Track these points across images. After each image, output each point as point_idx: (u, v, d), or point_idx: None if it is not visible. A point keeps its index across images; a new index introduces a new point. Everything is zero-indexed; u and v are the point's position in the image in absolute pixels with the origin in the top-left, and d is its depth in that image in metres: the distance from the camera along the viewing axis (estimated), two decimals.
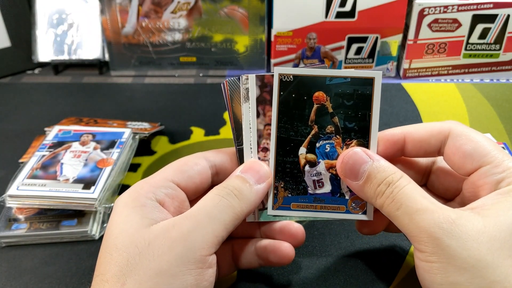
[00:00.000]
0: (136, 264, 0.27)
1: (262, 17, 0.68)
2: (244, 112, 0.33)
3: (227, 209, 0.29)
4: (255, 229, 0.35)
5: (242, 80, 0.33)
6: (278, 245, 0.33)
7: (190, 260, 0.27)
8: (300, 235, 0.33)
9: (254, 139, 0.33)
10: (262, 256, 0.34)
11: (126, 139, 0.49)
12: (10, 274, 0.39)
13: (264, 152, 0.34)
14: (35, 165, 0.45)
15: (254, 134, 0.33)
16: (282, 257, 0.33)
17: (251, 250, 0.34)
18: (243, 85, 0.33)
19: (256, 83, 0.33)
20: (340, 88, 0.32)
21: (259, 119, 0.33)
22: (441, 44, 0.66)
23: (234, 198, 0.30)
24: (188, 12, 0.68)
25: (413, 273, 0.38)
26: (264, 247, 0.34)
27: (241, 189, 0.31)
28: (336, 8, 0.65)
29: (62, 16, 0.72)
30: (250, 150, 0.33)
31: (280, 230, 0.34)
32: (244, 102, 0.33)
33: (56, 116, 0.59)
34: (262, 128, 0.33)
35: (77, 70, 0.74)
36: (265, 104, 0.33)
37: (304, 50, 0.68)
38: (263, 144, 0.34)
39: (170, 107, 0.63)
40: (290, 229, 0.33)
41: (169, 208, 0.31)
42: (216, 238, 0.29)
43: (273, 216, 0.34)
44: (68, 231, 0.41)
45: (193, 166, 0.32)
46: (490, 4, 0.63)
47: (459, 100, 0.63)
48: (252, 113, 0.33)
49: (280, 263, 0.33)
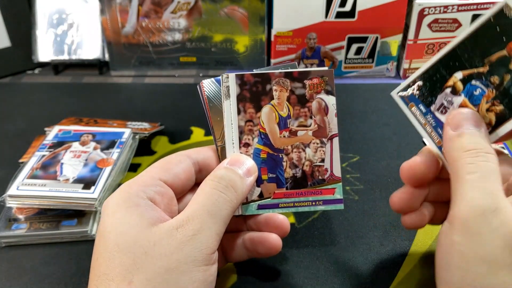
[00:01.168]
0: (143, 263, 0.27)
1: (262, 17, 0.68)
2: (225, 109, 0.35)
3: (226, 204, 0.31)
4: (241, 223, 0.36)
5: (223, 78, 0.35)
6: (266, 236, 0.34)
7: (198, 258, 0.28)
8: (285, 226, 0.34)
9: (236, 135, 0.35)
10: (250, 248, 0.35)
11: (126, 139, 0.49)
12: (10, 274, 0.39)
13: (246, 147, 0.35)
14: (35, 165, 0.45)
15: (235, 130, 0.35)
16: (270, 247, 0.34)
17: (239, 243, 0.35)
18: (223, 83, 0.35)
19: (236, 82, 0.34)
20: None
21: (240, 116, 0.35)
22: (441, 44, 0.66)
23: (232, 191, 0.31)
24: (188, 12, 0.68)
25: (413, 273, 0.38)
26: (251, 239, 0.35)
27: (235, 181, 0.32)
28: (336, 8, 0.65)
29: (62, 16, 0.72)
30: (232, 145, 0.35)
31: (266, 222, 0.35)
32: (225, 99, 0.35)
33: (56, 116, 0.59)
34: (243, 125, 0.35)
35: (77, 70, 0.74)
36: (246, 102, 0.35)
37: (304, 50, 0.68)
38: (245, 140, 0.35)
39: (170, 107, 0.63)
40: (275, 221, 0.34)
41: (160, 205, 0.31)
42: (218, 236, 0.30)
43: (256, 210, 0.35)
44: (68, 231, 0.41)
45: (178, 164, 0.33)
46: (490, 4, 0.63)
47: None
48: (233, 110, 0.35)
49: (269, 253, 0.34)
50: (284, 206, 0.35)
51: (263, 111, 0.35)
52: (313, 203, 0.35)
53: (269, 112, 0.35)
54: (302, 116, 0.35)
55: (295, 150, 0.36)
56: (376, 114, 0.60)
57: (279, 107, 0.35)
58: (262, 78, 0.35)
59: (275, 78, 0.35)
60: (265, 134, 0.35)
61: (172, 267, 0.27)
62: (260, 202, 0.35)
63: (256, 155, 0.35)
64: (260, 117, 0.35)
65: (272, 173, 0.35)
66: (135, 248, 0.28)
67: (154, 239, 0.28)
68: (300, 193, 0.35)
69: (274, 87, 0.35)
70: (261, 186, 0.35)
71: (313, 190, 0.36)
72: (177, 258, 0.28)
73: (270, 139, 0.35)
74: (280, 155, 0.35)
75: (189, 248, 0.28)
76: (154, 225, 0.29)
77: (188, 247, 0.28)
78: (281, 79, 0.35)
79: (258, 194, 0.35)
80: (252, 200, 0.35)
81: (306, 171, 0.35)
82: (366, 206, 0.45)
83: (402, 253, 0.40)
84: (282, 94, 0.35)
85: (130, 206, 0.30)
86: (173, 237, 0.28)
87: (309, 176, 0.35)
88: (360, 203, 0.45)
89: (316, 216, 0.44)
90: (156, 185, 0.31)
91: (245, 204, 0.35)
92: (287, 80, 0.35)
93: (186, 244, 0.28)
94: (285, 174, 0.35)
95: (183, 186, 0.33)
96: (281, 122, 0.35)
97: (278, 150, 0.35)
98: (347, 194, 0.46)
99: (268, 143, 0.35)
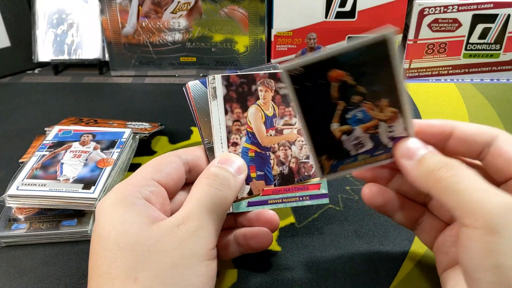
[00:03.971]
0: (146, 260, 0.28)
1: (262, 17, 0.68)
2: (212, 110, 0.35)
3: (222, 201, 0.32)
4: (232, 220, 0.37)
5: (209, 80, 0.35)
6: (257, 231, 0.35)
7: (200, 253, 0.29)
8: (275, 220, 0.36)
9: (224, 135, 0.36)
10: (243, 244, 0.36)
11: (126, 139, 0.49)
12: (10, 274, 0.39)
13: (234, 146, 0.36)
14: (35, 165, 0.45)
15: (223, 130, 0.36)
16: (263, 241, 0.35)
17: (231, 240, 0.36)
18: (210, 84, 0.35)
19: (222, 83, 0.35)
20: (354, 59, 0.31)
21: (227, 116, 0.36)
22: (441, 44, 0.66)
23: (227, 188, 0.32)
24: (188, 12, 0.68)
25: (413, 273, 0.38)
26: (243, 235, 0.35)
27: (229, 178, 0.33)
28: (336, 8, 0.65)
29: (62, 16, 0.72)
30: (221, 145, 0.36)
31: (257, 218, 0.36)
32: (212, 100, 0.35)
33: (56, 116, 0.59)
34: (231, 124, 0.36)
35: (77, 70, 0.74)
36: (232, 102, 0.36)
37: (304, 50, 0.68)
38: (233, 139, 0.36)
39: (170, 107, 0.63)
40: (265, 216, 0.36)
41: (156, 205, 0.32)
42: (217, 232, 0.31)
43: (246, 207, 0.36)
44: (68, 231, 0.41)
45: (169, 164, 0.34)
46: (490, 4, 0.63)
47: (459, 100, 0.63)
48: (220, 111, 0.35)
49: (262, 247, 0.35)
50: (273, 202, 0.36)
51: (249, 111, 0.36)
52: (300, 198, 0.37)
53: (255, 112, 0.36)
54: (287, 115, 0.37)
55: (281, 148, 0.37)
56: None
57: (265, 107, 0.36)
58: (247, 79, 0.36)
59: (260, 79, 0.36)
60: (253, 133, 0.36)
61: (176, 262, 0.28)
62: (250, 199, 0.36)
63: (245, 154, 0.36)
64: (247, 117, 0.36)
65: (260, 171, 0.36)
66: (137, 246, 0.28)
67: (156, 236, 0.28)
68: (288, 189, 0.37)
69: (259, 88, 0.36)
70: (250, 183, 0.36)
71: (300, 186, 0.37)
72: (181, 254, 0.28)
73: (257, 138, 0.36)
74: (268, 153, 0.36)
75: (191, 244, 0.29)
76: (154, 223, 0.29)
77: (190, 243, 0.29)
78: (266, 79, 0.36)
79: (247, 191, 0.36)
80: (242, 197, 0.36)
81: (293, 168, 0.37)
82: (366, 206, 0.45)
83: (402, 253, 0.40)
84: (267, 94, 0.36)
85: (127, 205, 0.30)
86: (174, 234, 0.29)
87: (296, 173, 0.37)
88: (360, 203, 0.45)
89: (316, 216, 0.44)
90: (151, 185, 0.32)
91: (235, 202, 0.35)
92: (271, 80, 0.36)
93: (188, 241, 0.29)
94: (272, 172, 0.36)
95: (175, 186, 0.34)
96: (267, 121, 0.36)
97: (265, 149, 0.36)
98: (347, 194, 0.46)
99: (256, 141, 0.36)
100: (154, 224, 0.29)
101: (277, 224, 0.36)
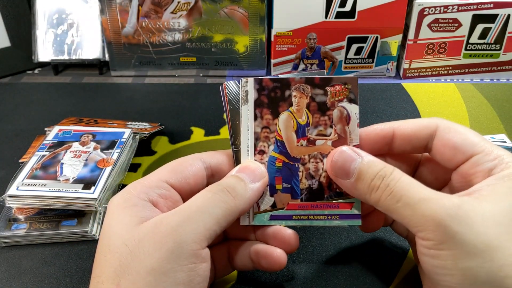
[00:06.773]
0: (128, 264, 0.26)
1: (262, 17, 0.68)
2: (242, 115, 0.33)
3: (219, 203, 0.29)
4: (250, 232, 0.35)
5: (242, 83, 0.33)
6: (270, 251, 0.32)
7: (182, 255, 0.27)
8: (293, 242, 0.33)
9: (251, 142, 0.34)
10: (254, 260, 0.33)
11: (126, 139, 0.49)
12: (10, 274, 0.39)
13: (261, 154, 0.34)
14: (35, 165, 0.45)
15: (251, 137, 0.33)
16: (274, 263, 0.32)
17: (245, 252, 0.34)
18: (242, 87, 0.33)
19: (254, 86, 0.33)
20: None
21: (256, 121, 0.33)
22: (441, 44, 0.66)
23: (227, 194, 0.30)
24: (188, 12, 0.68)
25: (413, 273, 0.38)
26: (257, 251, 0.33)
27: (235, 186, 0.31)
28: (336, 8, 0.65)
29: (62, 16, 0.72)
30: (247, 152, 0.34)
31: (273, 235, 0.33)
32: (243, 104, 0.33)
33: (56, 116, 0.59)
34: (260, 131, 0.34)
35: (77, 70, 0.74)
36: (263, 107, 0.33)
37: (304, 50, 0.68)
38: (260, 147, 0.34)
39: (170, 107, 0.63)
40: (283, 235, 0.33)
41: (163, 208, 0.30)
42: (208, 231, 0.28)
43: (268, 220, 0.33)
44: (68, 231, 0.41)
45: (188, 167, 0.32)
46: (490, 4, 0.63)
47: (459, 100, 0.63)
48: (250, 116, 0.33)
49: (271, 269, 0.33)
50: (298, 218, 0.33)
51: (280, 118, 0.34)
52: (328, 217, 0.33)
53: (287, 119, 0.34)
54: (321, 125, 0.34)
55: (312, 160, 0.34)
56: (376, 114, 0.60)
57: (298, 114, 0.34)
58: (281, 83, 0.33)
59: (295, 83, 0.33)
60: (282, 142, 0.34)
61: (154, 267, 0.26)
62: (272, 213, 0.33)
63: (271, 164, 0.34)
64: (277, 124, 0.34)
65: (287, 183, 0.34)
66: (121, 248, 0.27)
67: (140, 236, 0.27)
68: (316, 205, 0.34)
69: (293, 93, 0.33)
70: (274, 196, 0.34)
71: (329, 203, 0.33)
72: (159, 257, 0.26)
73: (287, 147, 0.34)
74: (296, 164, 0.34)
75: (171, 243, 0.27)
76: (142, 223, 0.28)
77: (170, 242, 0.27)
78: (301, 85, 0.33)
79: (271, 204, 0.34)
80: (265, 210, 0.33)
81: (323, 183, 0.34)
82: None
83: (402, 253, 0.40)
84: (301, 100, 0.33)
85: (127, 206, 0.29)
86: (156, 232, 0.27)
87: (326, 188, 0.34)
88: None
89: None
90: (161, 188, 0.31)
91: (257, 213, 0.33)
92: (307, 86, 0.33)
93: (168, 238, 0.27)
94: (300, 185, 0.34)
95: (191, 190, 0.32)
96: (299, 130, 0.34)
97: (295, 159, 0.34)
98: None
99: (284, 151, 0.34)
100: (141, 224, 0.28)
101: (294, 246, 0.33)
